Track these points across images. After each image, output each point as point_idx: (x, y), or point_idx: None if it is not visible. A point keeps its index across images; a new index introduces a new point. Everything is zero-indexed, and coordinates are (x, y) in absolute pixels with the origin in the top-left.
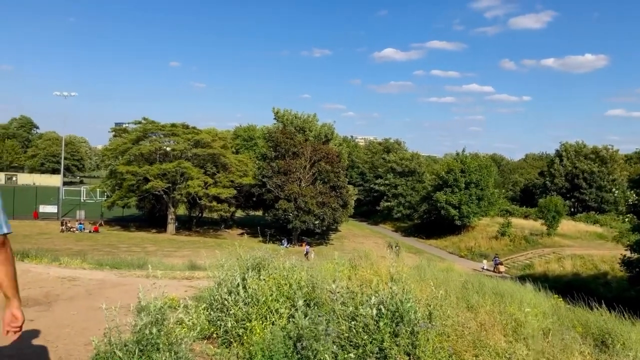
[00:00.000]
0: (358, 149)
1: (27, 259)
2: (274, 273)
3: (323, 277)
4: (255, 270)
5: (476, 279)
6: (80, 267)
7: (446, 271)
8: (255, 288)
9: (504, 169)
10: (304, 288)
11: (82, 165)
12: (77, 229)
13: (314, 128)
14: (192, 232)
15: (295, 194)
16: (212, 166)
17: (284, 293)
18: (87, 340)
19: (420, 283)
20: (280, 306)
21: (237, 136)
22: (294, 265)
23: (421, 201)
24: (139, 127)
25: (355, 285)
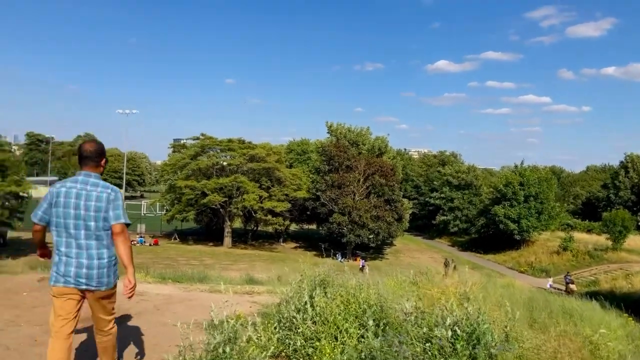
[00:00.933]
0: (412, 162)
1: None
2: (340, 291)
3: (392, 296)
4: (321, 288)
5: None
6: (145, 280)
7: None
8: (322, 306)
9: (564, 182)
10: (373, 307)
11: (142, 180)
12: (138, 242)
13: (367, 141)
14: (248, 245)
15: (349, 208)
16: (266, 180)
17: (352, 312)
18: (159, 357)
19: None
20: (350, 326)
21: (291, 150)
22: (361, 283)
23: (478, 215)
24: (197, 143)
25: (425, 304)
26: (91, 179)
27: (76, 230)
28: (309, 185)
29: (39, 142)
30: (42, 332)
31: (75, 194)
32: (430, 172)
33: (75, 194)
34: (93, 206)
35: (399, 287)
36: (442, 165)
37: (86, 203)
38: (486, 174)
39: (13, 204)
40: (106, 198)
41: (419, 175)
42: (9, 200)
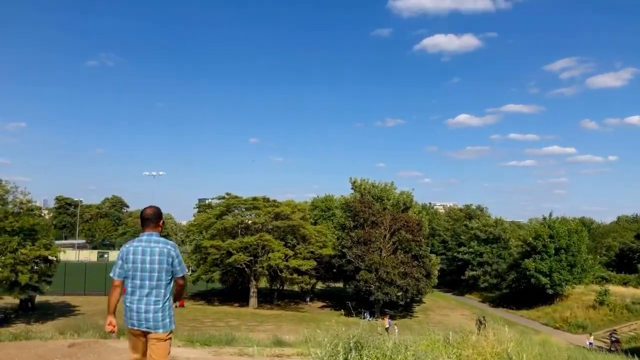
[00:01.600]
0: (438, 217)
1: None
2: (376, 353)
3: (428, 358)
4: (356, 351)
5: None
6: (174, 344)
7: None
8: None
9: (595, 233)
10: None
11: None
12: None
13: (391, 196)
14: (274, 305)
15: (376, 264)
16: (292, 238)
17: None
18: None
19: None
20: None
21: (315, 207)
22: (397, 344)
23: (508, 269)
24: (222, 202)
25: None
26: (153, 237)
27: (142, 281)
28: (335, 242)
29: (67, 205)
30: None
31: (141, 250)
32: (457, 227)
33: (141, 251)
34: (157, 260)
35: (433, 348)
36: (468, 219)
37: (151, 258)
38: (514, 227)
39: (42, 268)
40: (167, 253)
41: (445, 229)
42: (38, 264)
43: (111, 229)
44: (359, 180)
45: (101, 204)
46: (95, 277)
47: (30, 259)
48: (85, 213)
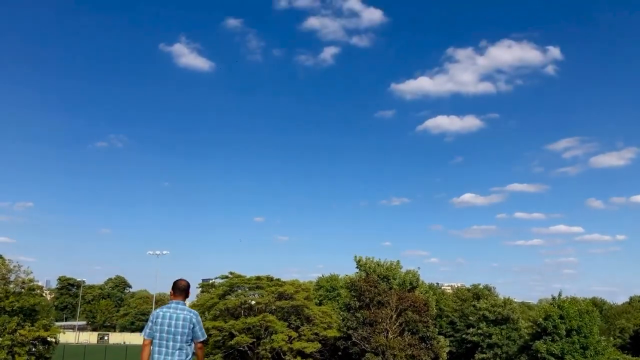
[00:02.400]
0: (446, 297)
1: None
2: None
3: None
4: None
5: None
6: None
7: None
8: None
9: (608, 314)
10: None
11: None
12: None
13: (397, 275)
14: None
15: (382, 347)
16: (295, 319)
17: None
18: None
19: None
20: None
21: (320, 287)
22: None
23: (519, 352)
24: (225, 282)
25: None
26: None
27: (167, 342)
28: (340, 323)
29: (70, 286)
30: None
31: (169, 316)
32: (465, 307)
33: (169, 316)
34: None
35: None
36: (476, 299)
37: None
38: (523, 307)
39: (40, 350)
40: (189, 319)
41: (453, 310)
42: (37, 346)
43: (112, 310)
44: (364, 259)
45: (104, 284)
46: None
47: (28, 341)
48: (87, 294)
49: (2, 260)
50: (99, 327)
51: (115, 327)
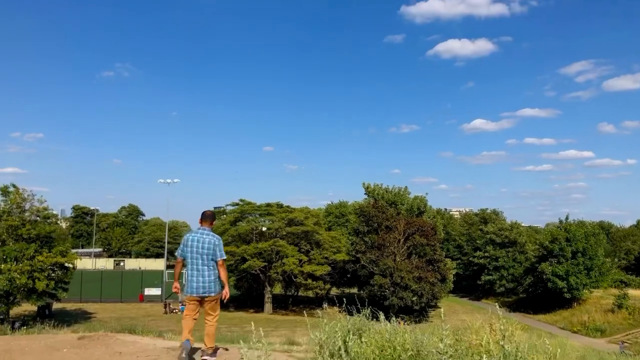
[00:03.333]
0: (453, 221)
1: (134, 333)
2: (376, 336)
3: (429, 341)
4: (356, 335)
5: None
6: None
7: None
8: (357, 351)
9: (614, 237)
10: (409, 351)
11: None
12: (180, 310)
13: (405, 201)
14: (289, 311)
15: (390, 269)
16: (305, 244)
17: (387, 357)
18: None
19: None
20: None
21: (329, 213)
22: (396, 328)
23: (525, 273)
24: (236, 209)
25: (463, 347)
26: (205, 231)
27: (196, 260)
28: (349, 247)
29: (84, 214)
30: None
31: (197, 239)
32: (472, 231)
33: (197, 239)
34: (206, 247)
35: (433, 332)
36: (484, 223)
37: (202, 244)
38: (531, 231)
39: (58, 275)
40: (213, 242)
41: (460, 234)
42: (55, 271)
43: (127, 237)
44: (372, 185)
45: (117, 212)
46: (111, 284)
47: (47, 266)
48: (102, 222)
49: (16, 189)
50: (114, 253)
51: (130, 254)
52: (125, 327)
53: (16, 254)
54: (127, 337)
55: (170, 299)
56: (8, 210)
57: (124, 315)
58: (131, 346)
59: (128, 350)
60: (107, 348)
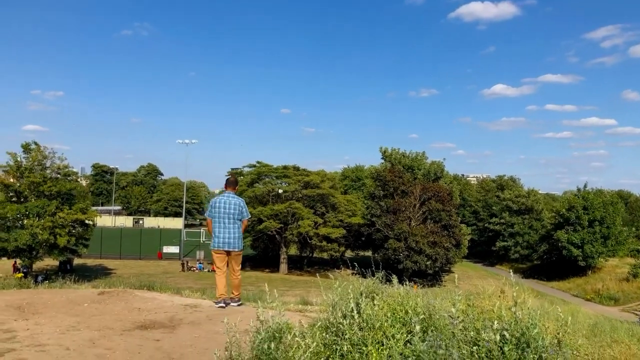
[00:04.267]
0: (470, 187)
1: (153, 290)
2: (388, 299)
3: (440, 304)
4: (369, 297)
5: (607, 322)
6: (201, 298)
7: (572, 314)
8: (369, 313)
9: (633, 206)
10: (421, 314)
11: (201, 209)
12: (197, 269)
13: (422, 166)
14: (304, 271)
15: (405, 233)
16: (321, 206)
17: (399, 319)
18: (209, 359)
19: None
20: (397, 332)
21: (345, 177)
22: (408, 291)
23: (540, 241)
24: (253, 170)
25: (476, 312)
26: (231, 194)
27: (224, 219)
28: (364, 211)
29: (104, 173)
30: (100, 336)
31: (224, 201)
32: (488, 197)
33: (224, 202)
34: (232, 207)
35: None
36: (500, 190)
37: (229, 206)
38: (548, 199)
39: (79, 231)
40: (238, 203)
41: (477, 200)
42: (75, 228)
43: (146, 196)
44: (389, 150)
45: (137, 171)
46: (130, 242)
47: (67, 223)
48: (121, 180)
49: (37, 147)
50: (133, 211)
51: (149, 212)
52: (144, 283)
53: (38, 210)
54: (146, 294)
55: (189, 257)
56: (30, 167)
57: (142, 272)
58: (149, 302)
59: (146, 306)
60: (126, 304)
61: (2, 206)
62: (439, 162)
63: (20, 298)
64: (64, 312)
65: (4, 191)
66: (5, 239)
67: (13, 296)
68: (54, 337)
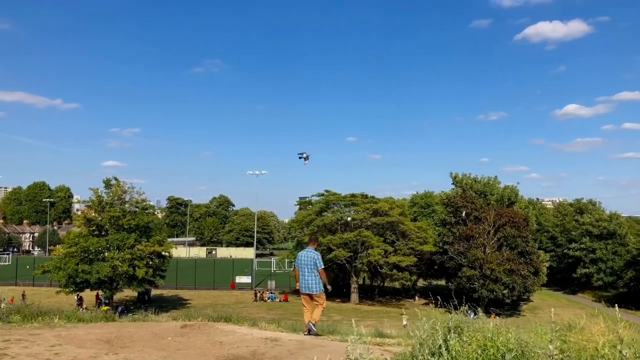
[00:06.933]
0: (546, 212)
1: (230, 322)
2: (476, 335)
3: (533, 341)
4: (456, 332)
5: None
6: (279, 330)
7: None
8: (458, 350)
9: None
10: (513, 351)
11: (271, 238)
12: (269, 298)
13: (495, 191)
14: (375, 301)
15: (479, 261)
16: (391, 234)
17: (490, 357)
18: None
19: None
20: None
21: (414, 203)
22: (498, 326)
23: (626, 267)
24: (321, 199)
25: (571, 349)
26: (311, 249)
27: (304, 270)
28: (435, 238)
29: (178, 205)
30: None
31: (304, 255)
32: (566, 222)
33: (304, 256)
34: (309, 260)
35: (536, 332)
36: (579, 214)
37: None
38: (631, 222)
39: (156, 263)
40: (314, 257)
41: (554, 225)
42: (153, 260)
43: (218, 226)
44: (460, 175)
45: (209, 203)
46: (204, 272)
47: (145, 255)
48: (194, 212)
49: (117, 182)
50: (206, 242)
51: (221, 242)
52: (221, 315)
53: (118, 243)
54: (226, 327)
55: (260, 287)
56: (110, 201)
57: (216, 302)
58: (230, 335)
59: (227, 340)
60: (207, 337)
61: (85, 240)
62: (513, 186)
63: (108, 331)
64: (150, 346)
65: (86, 225)
66: (88, 271)
67: (102, 329)
68: None
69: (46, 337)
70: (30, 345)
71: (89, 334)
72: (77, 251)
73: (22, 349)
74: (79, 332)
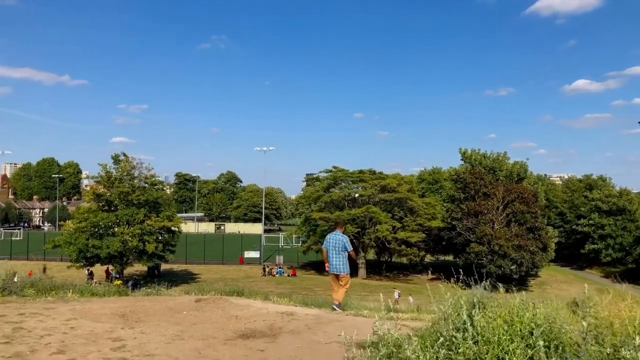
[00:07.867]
0: (555, 188)
1: (243, 297)
2: (501, 311)
3: (561, 316)
4: (480, 308)
5: None
6: (291, 304)
7: None
8: (483, 325)
9: None
10: (541, 327)
11: (279, 214)
12: (277, 273)
13: (504, 167)
14: (382, 276)
15: (487, 237)
16: (399, 210)
17: (517, 332)
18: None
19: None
20: (516, 346)
21: (422, 180)
22: (524, 301)
23: (635, 243)
24: (329, 176)
25: (603, 325)
26: (338, 233)
27: (332, 251)
28: (444, 214)
29: (186, 181)
30: (204, 346)
31: (333, 238)
32: (575, 198)
33: (332, 238)
34: (338, 242)
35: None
36: (588, 190)
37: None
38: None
39: (166, 238)
40: (342, 239)
41: (562, 201)
42: (162, 235)
43: (227, 202)
44: (469, 151)
45: (217, 179)
46: (213, 247)
47: (155, 230)
48: (202, 188)
49: (126, 158)
50: (215, 218)
51: (230, 218)
52: (233, 289)
53: (128, 218)
54: (240, 301)
55: (269, 261)
56: (119, 177)
57: (226, 276)
58: (245, 310)
59: (243, 314)
60: (223, 311)
61: (94, 215)
62: (522, 162)
63: (122, 306)
64: (166, 320)
65: (96, 200)
66: (98, 246)
67: (116, 303)
68: (161, 346)
69: (61, 311)
70: (45, 319)
71: (104, 308)
72: (87, 226)
73: (38, 322)
74: (94, 307)
